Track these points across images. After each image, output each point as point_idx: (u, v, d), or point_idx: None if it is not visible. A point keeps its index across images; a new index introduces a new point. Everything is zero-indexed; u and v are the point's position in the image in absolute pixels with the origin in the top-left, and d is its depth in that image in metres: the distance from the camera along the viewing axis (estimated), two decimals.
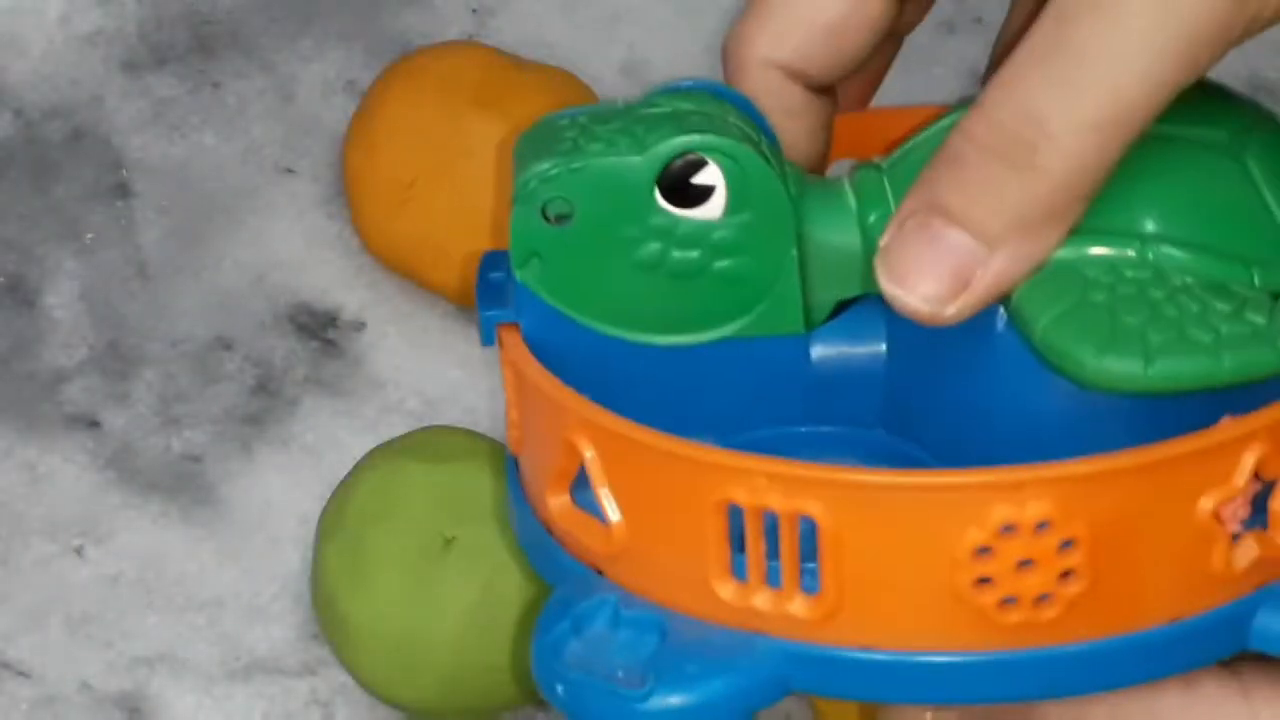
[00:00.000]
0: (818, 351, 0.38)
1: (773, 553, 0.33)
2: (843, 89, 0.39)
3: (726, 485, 0.32)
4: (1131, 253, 0.34)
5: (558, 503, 0.35)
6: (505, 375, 0.37)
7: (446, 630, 0.47)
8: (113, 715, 0.51)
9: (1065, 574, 0.32)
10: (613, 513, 0.34)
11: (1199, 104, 0.35)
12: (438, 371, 0.54)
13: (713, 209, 0.36)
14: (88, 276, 0.54)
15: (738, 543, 0.33)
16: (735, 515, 0.33)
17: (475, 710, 0.49)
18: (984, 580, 0.32)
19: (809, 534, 0.32)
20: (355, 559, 0.48)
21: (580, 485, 0.35)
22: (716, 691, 0.33)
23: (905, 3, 0.38)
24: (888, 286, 0.34)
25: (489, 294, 0.38)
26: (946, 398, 0.38)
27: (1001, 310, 0.35)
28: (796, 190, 0.36)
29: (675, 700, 0.32)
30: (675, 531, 0.33)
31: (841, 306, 0.37)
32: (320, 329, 0.55)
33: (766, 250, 0.36)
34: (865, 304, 0.37)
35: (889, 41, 0.39)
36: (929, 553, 0.32)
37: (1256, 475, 0.32)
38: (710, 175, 0.36)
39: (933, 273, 0.34)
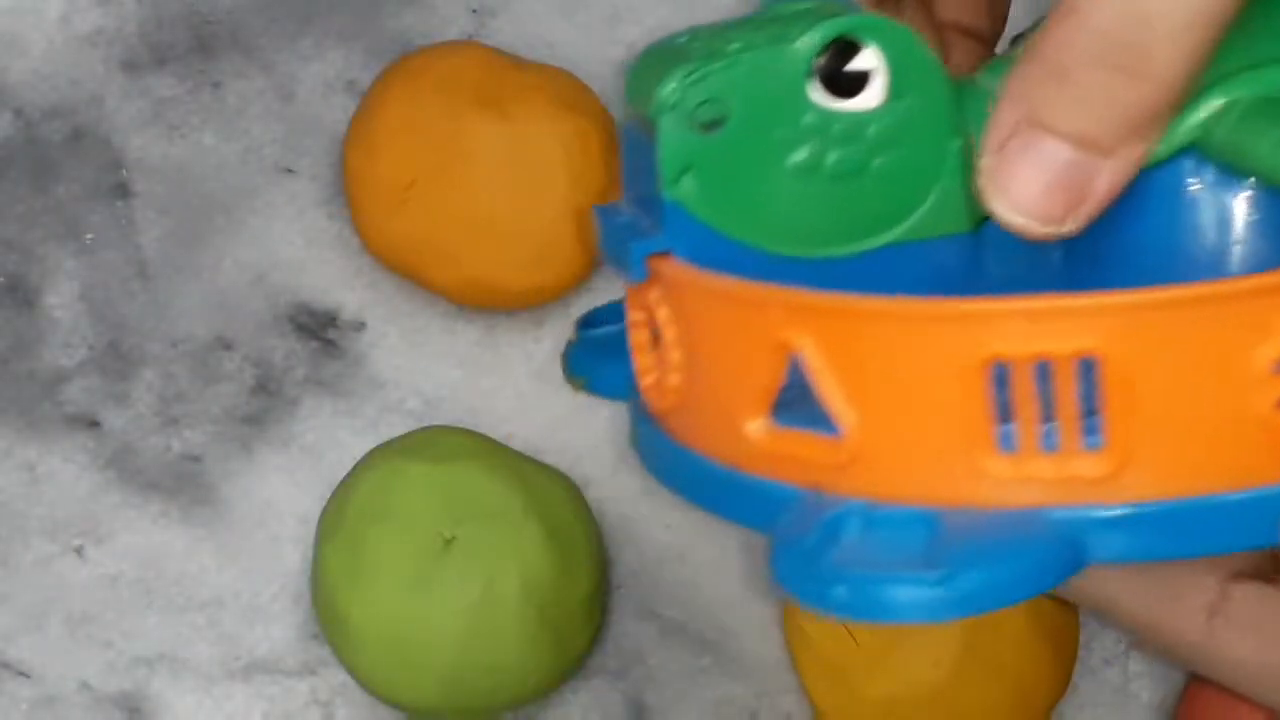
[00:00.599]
0: (991, 261, 0.35)
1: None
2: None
3: (992, 338, 0.29)
4: None
5: (760, 426, 0.32)
6: (655, 316, 0.34)
7: (446, 630, 0.47)
8: (113, 715, 0.51)
9: None
10: (844, 412, 0.30)
11: None
12: (438, 371, 0.54)
13: (869, 98, 0.34)
14: (88, 276, 0.54)
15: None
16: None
17: (475, 710, 0.49)
18: None
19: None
20: (355, 559, 0.48)
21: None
22: (1011, 571, 0.29)
23: None
24: (1003, 212, 0.32)
25: (621, 234, 0.34)
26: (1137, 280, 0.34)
27: (1190, 180, 0.34)
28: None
29: (969, 580, 0.29)
30: (926, 413, 0.30)
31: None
32: (320, 329, 0.55)
33: (927, 141, 0.34)
34: None
35: None
36: (1222, 376, 0.29)
37: None
38: (866, 60, 0.33)
39: (1049, 192, 0.32)
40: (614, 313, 0.41)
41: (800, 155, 0.34)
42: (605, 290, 0.55)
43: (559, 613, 0.48)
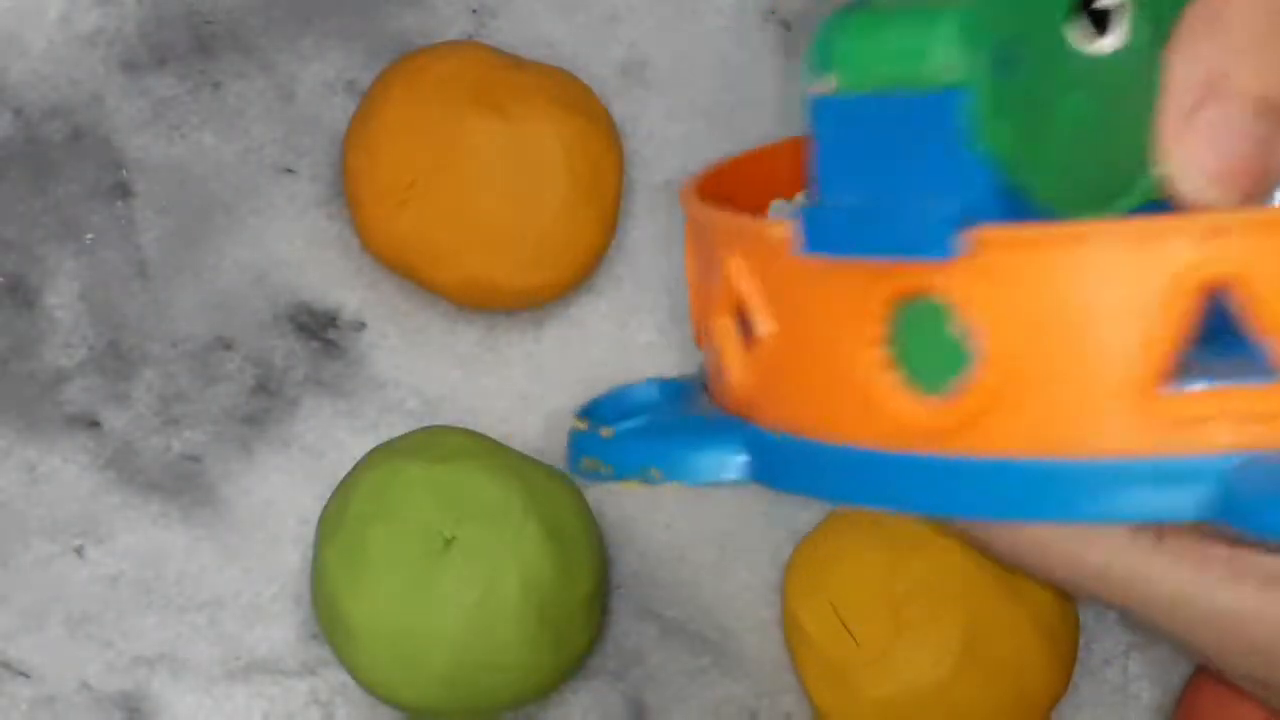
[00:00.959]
0: None
1: None
2: None
3: None
4: None
5: (1172, 391, 0.28)
6: (959, 309, 0.29)
7: (446, 630, 0.47)
8: (113, 715, 0.51)
9: None
10: None
11: None
12: (438, 371, 0.54)
13: (1116, 38, 0.32)
14: (88, 276, 0.54)
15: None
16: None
17: (475, 710, 0.49)
18: None
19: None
20: (355, 559, 0.48)
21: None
22: None
23: None
24: (1188, 187, 0.31)
25: (871, 219, 0.30)
26: None
27: None
28: None
29: None
30: None
31: None
32: (320, 329, 0.55)
33: (1159, 86, 0.31)
34: None
35: None
36: None
37: None
38: None
39: (1250, 168, 0.31)
40: (620, 401, 0.38)
41: (1074, 100, 0.31)
42: (606, 290, 0.55)
43: (559, 613, 0.48)
